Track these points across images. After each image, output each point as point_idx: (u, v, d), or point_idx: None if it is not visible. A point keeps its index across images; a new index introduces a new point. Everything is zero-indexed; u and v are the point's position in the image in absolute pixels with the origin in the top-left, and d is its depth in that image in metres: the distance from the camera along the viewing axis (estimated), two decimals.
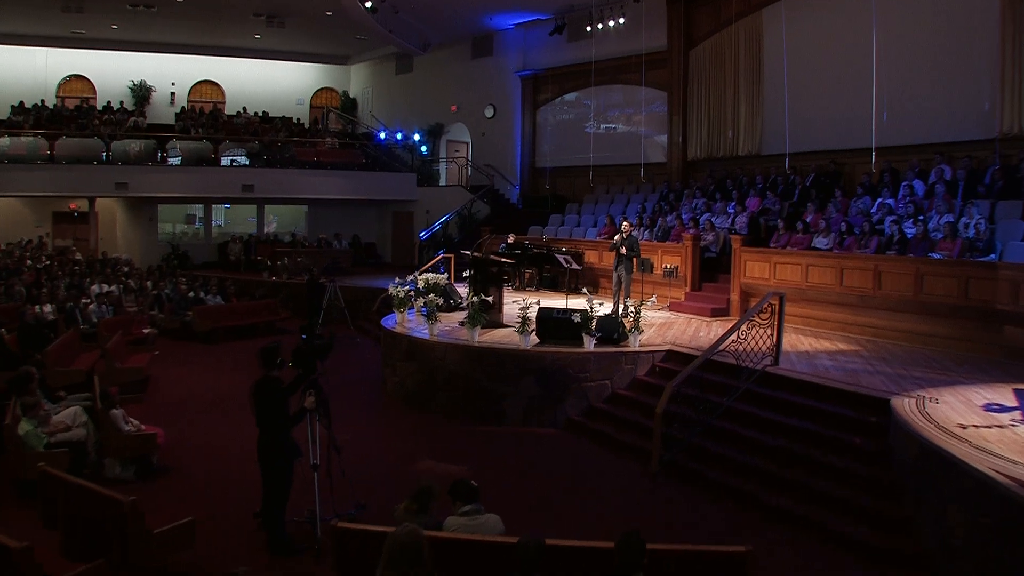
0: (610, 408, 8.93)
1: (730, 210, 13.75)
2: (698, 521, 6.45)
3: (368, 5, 18.26)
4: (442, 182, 23.90)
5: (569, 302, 10.67)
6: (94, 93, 24.08)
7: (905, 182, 11.83)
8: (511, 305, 10.83)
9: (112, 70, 24.04)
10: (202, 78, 25.53)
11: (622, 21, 17.33)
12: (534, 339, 9.39)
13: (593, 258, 14.77)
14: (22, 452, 6.55)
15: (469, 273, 11.21)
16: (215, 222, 23.88)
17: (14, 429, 6.68)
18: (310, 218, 23.69)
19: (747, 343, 8.17)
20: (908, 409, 6.43)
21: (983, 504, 4.75)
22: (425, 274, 11.68)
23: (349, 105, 26.94)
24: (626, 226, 11.64)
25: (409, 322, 10.87)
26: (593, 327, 9.18)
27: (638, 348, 9.36)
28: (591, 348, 9.18)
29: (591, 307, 9.23)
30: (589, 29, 17.87)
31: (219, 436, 8.54)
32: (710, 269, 12.88)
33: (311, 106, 27.05)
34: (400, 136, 24.33)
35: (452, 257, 15.99)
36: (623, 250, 11.34)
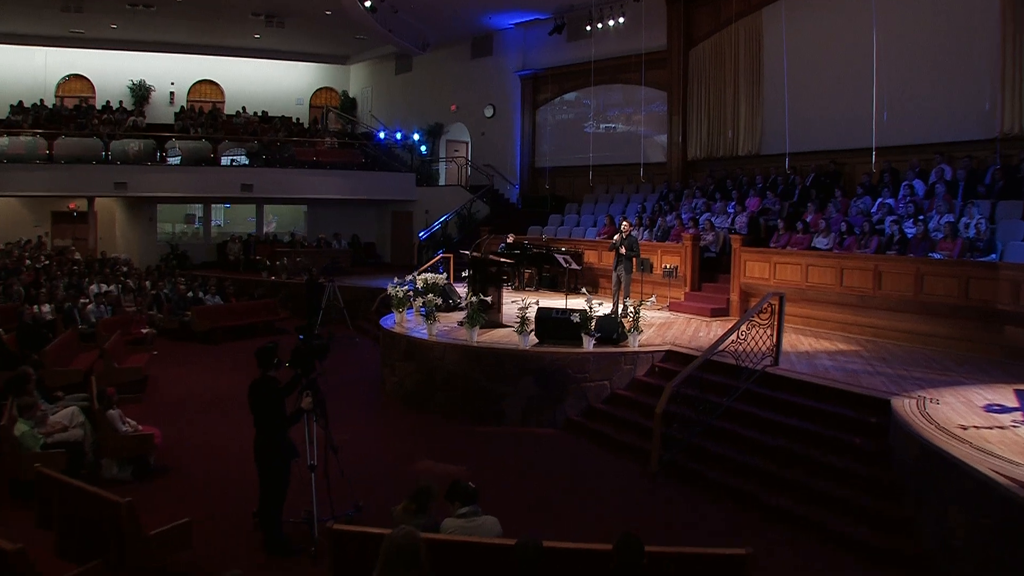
0: (609, 408, 8.91)
1: (730, 210, 13.73)
2: (698, 521, 6.44)
3: (367, 5, 18.22)
4: (441, 182, 23.88)
5: (568, 302, 10.64)
6: (93, 93, 24.07)
7: (905, 182, 11.81)
8: (510, 305, 10.78)
9: (111, 70, 24.03)
10: (201, 78, 25.51)
11: (622, 21, 17.32)
12: (533, 339, 9.38)
13: (592, 258, 14.74)
14: (18, 453, 6.53)
15: (468, 273, 11.18)
16: (215, 222, 23.85)
17: (10, 430, 6.65)
18: (309, 218, 23.67)
19: (747, 343, 8.15)
20: (908, 410, 6.41)
21: (984, 505, 4.73)
22: (424, 274, 11.64)
23: (348, 105, 26.92)
24: (625, 226, 11.63)
25: (408, 322, 10.84)
26: (592, 327, 9.16)
27: (637, 348, 9.33)
28: (590, 348, 9.15)
29: (590, 307, 9.20)
30: (589, 29, 17.85)
31: (217, 436, 8.52)
32: (710, 269, 12.86)
33: (310, 106, 27.03)
34: (399, 136, 24.30)
35: (451, 257, 15.96)
36: (622, 250, 11.33)
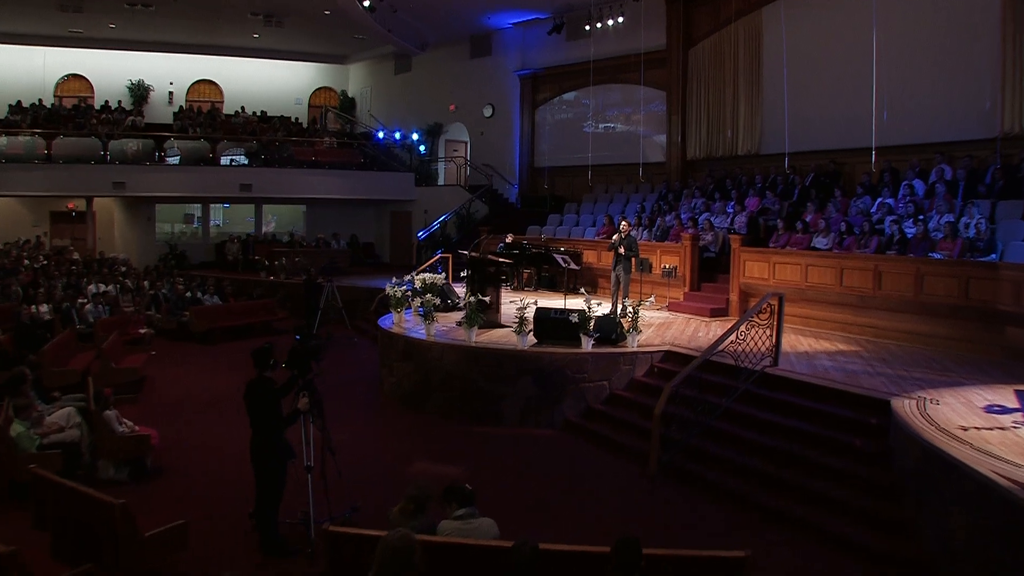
0: (608, 409, 8.88)
1: (729, 210, 13.70)
2: (697, 522, 6.41)
3: (366, 4, 18.20)
4: (440, 182, 23.85)
5: (567, 302, 10.61)
6: (92, 92, 24.03)
7: (905, 182, 11.78)
8: (509, 305, 10.76)
9: (110, 69, 23.98)
10: (200, 77, 25.47)
11: (621, 20, 17.30)
12: (531, 339, 9.34)
13: (592, 258, 14.70)
14: (14, 454, 6.49)
15: (466, 273, 11.15)
16: (214, 222, 23.83)
17: (6, 430, 6.62)
18: (308, 218, 23.64)
19: (746, 343, 8.12)
20: (909, 411, 6.37)
21: (984, 507, 4.70)
22: (422, 274, 11.60)
23: (347, 105, 26.88)
24: (624, 226, 11.61)
25: (406, 322, 10.81)
26: (591, 327, 9.12)
27: (636, 348, 9.30)
28: (589, 348, 9.12)
29: (589, 307, 9.16)
30: (588, 28, 17.82)
31: (215, 437, 8.48)
32: (709, 269, 12.82)
33: (309, 105, 26.98)
34: (398, 136, 24.27)
35: (450, 257, 15.93)
36: (621, 250, 11.31)
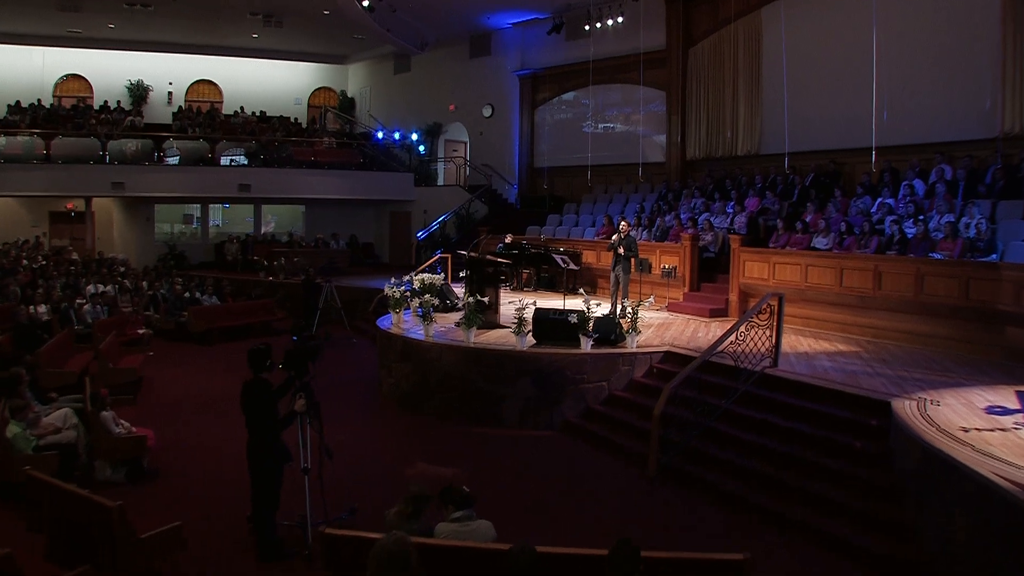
0: (607, 410, 8.84)
1: (729, 210, 13.67)
2: (696, 524, 6.38)
3: (365, 4, 18.16)
4: (440, 182, 23.83)
5: (566, 302, 10.58)
6: (91, 92, 24.00)
7: (905, 182, 11.75)
8: (508, 306, 10.73)
9: (109, 69, 23.96)
10: (199, 77, 25.45)
11: (620, 20, 17.26)
12: (530, 340, 9.31)
13: (591, 258, 14.67)
14: (10, 455, 6.46)
15: (465, 273, 11.12)
16: (213, 222, 23.81)
17: (2, 431, 6.59)
18: (308, 218, 23.61)
19: (746, 344, 8.09)
20: (909, 412, 6.34)
21: (985, 509, 4.67)
22: (421, 274, 11.56)
23: (347, 105, 26.86)
24: (624, 226, 11.58)
25: (405, 323, 10.78)
26: (590, 328, 9.09)
27: (635, 349, 9.27)
28: (588, 349, 9.09)
29: (588, 308, 9.13)
30: (587, 28, 17.78)
31: (213, 437, 8.45)
32: (709, 269, 12.79)
33: (309, 105, 26.95)
34: (398, 136, 24.24)
35: (449, 257, 15.90)
36: (621, 250, 11.28)
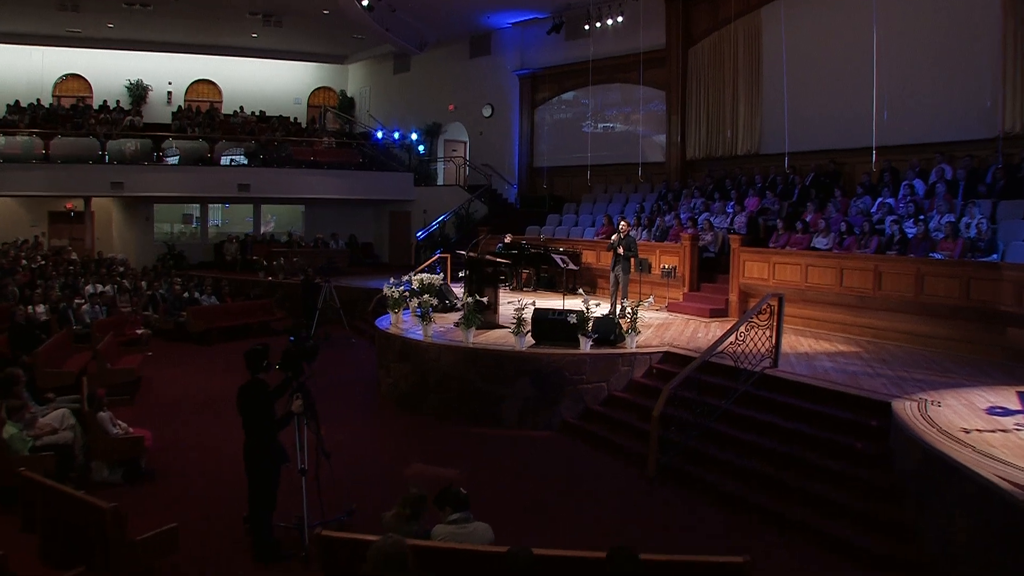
0: (606, 410, 8.81)
1: (729, 210, 13.63)
2: (696, 524, 6.36)
3: (364, 4, 18.12)
4: (439, 182, 23.79)
5: (566, 303, 10.55)
6: (90, 92, 23.97)
7: (905, 181, 11.71)
8: (507, 306, 10.71)
9: (108, 69, 23.93)
10: (199, 77, 25.41)
11: (620, 19, 17.23)
12: (529, 340, 9.27)
13: (591, 258, 14.64)
14: (6, 456, 6.43)
15: (465, 273, 11.08)
16: (213, 222, 23.80)
17: None
18: (307, 218, 23.58)
19: (745, 344, 8.06)
20: (910, 413, 6.31)
21: (986, 510, 4.65)
22: (420, 274, 11.53)
23: (346, 104, 26.83)
24: (624, 226, 11.55)
25: (403, 323, 10.75)
26: (589, 328, 9.06)
27: (635, 349, 9.24)
28: (587, 350, 9.06)
29: (587, 308, 9.10)
30: (587, 28, 17.75)
31: (211, 438, 8.42)
32: (708, 269, 12.76)
33: (308, 105, 26.93)
34: (397, 135, 24.20)
35: (448, 257, 15.87)
36: (620, 250, 11.25)
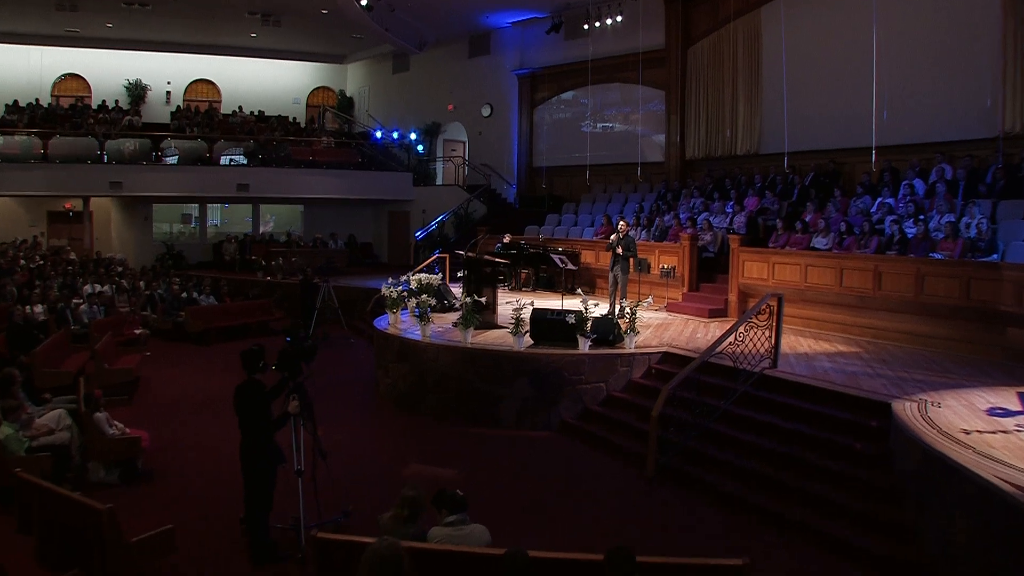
0: (605, 411, 8.79)
1: (728, 210, 13.61)
2: (695, 525, 6.34)
3: (364, 3, 18.09)
4: (439, 181, 23.76)
5: (565, 303, 10.52)
6: (89, 92, 23.93)
7: (905, 181, 11.68)
8: (505, 306, 10.68)
9: (107, 69, 23.89)
10: (198, 77, 25.37)
11: (619, 19, 17.20)
12: (528, 340, 9.25)
13: (590, 258, 14.61)
14: (2, 457, 6.40)
15: (463, 273, 11.05)
16: (212, 222, 23.76)
17: None
18: (306, 218, 23.54)
19: (745, 345, 8.03)
20: (910, 413, 6.29)
21: (986, 511, 4.62)
22: (418, 274, 11.50)
23: (345, 104, 26.80)
24: (623, 226, 11.52)
25: (402, 323, 10.73)
26: (588, 328, 9.03)
27: (634, 350, 9.21)
28: (586, 350, 9.03)
29: (586, 308, 9.07)
30: (586, 27, 17.72)
31: (209, 438, 8.40)
32: (708, 269, 12.73)
33: (307, 105, 26.89)
34: (396, 135, 24.18)
35: (447, 257, 15.85)
36: (619, 250, 11.22)
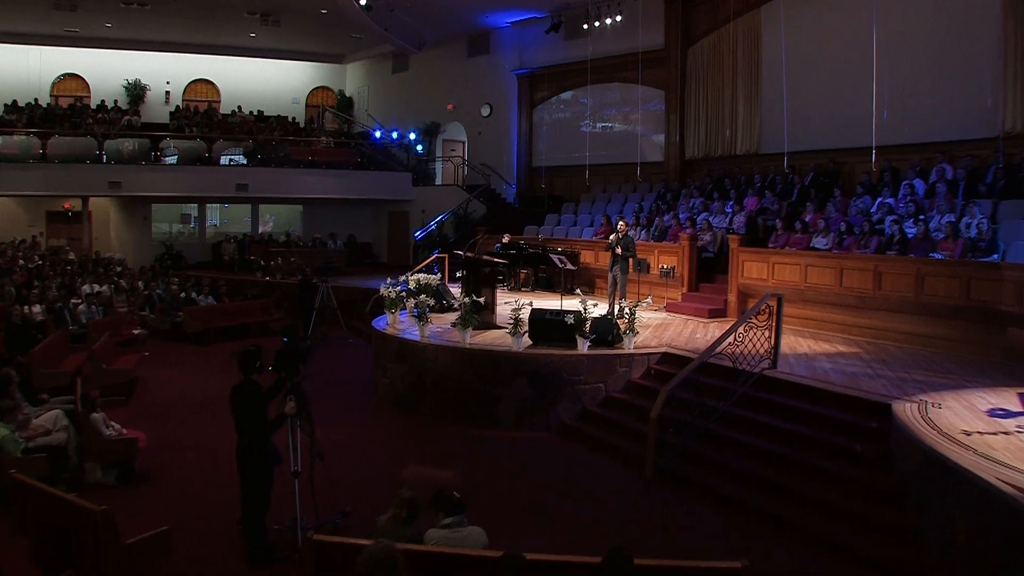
0: (604, 412, 8.76)
1: (728, 210, 13.58)
2: (694, 526, 6.31)
3: (363, 3, 18.07)
4: (438, 181, 23.73)
5: (564, 303, 10.49)
6: (88, 92, 23.91)
7: (906, 181, 11.66)
8: (504, 306, 10.66)
9: (106, 69, 23.86)
10: (197, 77, 25.34)
11: (619, 19, 17.17)
12: (527, 341, 9.22)
13: (589, 258, 14.59)
14: None
15: (462, 274, 11.02)
16: (211, 222, 23.74)
17: None
18: (306, 218, 23.51)
19: (744, 345, 8.01)
20: (910, 415, 6.26)
21: (986, 513, 4.60)
22: (417, 275, 11.48)
23: (345, 104, 26.77)
24: (622, 226, 11.49)
25: (400, 323, 10.69)
26: (587, 329, 9.00)
27: (633, 350, 9.18)
28: (585, 350, 9.00)
29: (585, 308, 9.05)
30: (586, 27, 17.68)
31: (206, 438, 8.36)
32: (707, 269, 12.70)
33: (307, 105, 26.87)
34: (396, 135, 24.15)
35: (446, 257, 15.82)
36: (619, 250, 11.19)
